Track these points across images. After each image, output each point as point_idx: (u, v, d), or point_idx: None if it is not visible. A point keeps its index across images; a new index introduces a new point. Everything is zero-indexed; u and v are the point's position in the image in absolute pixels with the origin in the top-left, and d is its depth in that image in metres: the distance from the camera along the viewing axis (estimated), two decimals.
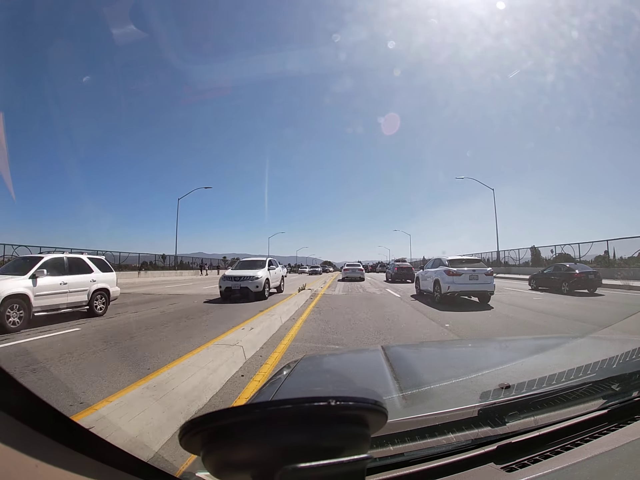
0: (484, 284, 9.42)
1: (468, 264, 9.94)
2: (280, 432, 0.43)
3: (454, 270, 9.52)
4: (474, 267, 9.73)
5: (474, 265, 9.86)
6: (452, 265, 9.78)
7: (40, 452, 0.45)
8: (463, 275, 9.40)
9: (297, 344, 4.99)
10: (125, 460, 0.58)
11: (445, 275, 9.60)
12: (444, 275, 9.62)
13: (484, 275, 9.49)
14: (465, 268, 9.55)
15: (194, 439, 0.44)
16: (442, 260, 10.43)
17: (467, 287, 9.44)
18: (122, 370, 3.85)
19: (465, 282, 9.37)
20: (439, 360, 1.61)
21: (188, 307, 9.46)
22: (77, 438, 0.52)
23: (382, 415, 0.46)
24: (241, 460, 0.44)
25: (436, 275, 10.09)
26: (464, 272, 9.42)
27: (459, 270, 9.48)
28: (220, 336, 4.91)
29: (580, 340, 2.02)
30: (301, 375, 1.31)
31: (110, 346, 5.06)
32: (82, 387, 3.35)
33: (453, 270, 9.54)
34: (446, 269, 9.69)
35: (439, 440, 0.77)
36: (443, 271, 9.74)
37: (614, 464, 0.71)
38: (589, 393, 0.95)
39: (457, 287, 9.42)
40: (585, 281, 12.92)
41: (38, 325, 6.28)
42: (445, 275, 9.58)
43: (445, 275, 9.58)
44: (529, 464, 0.73)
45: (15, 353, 4.72)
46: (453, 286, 9.42)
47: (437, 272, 10.13)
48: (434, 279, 10.19)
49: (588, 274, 13.07)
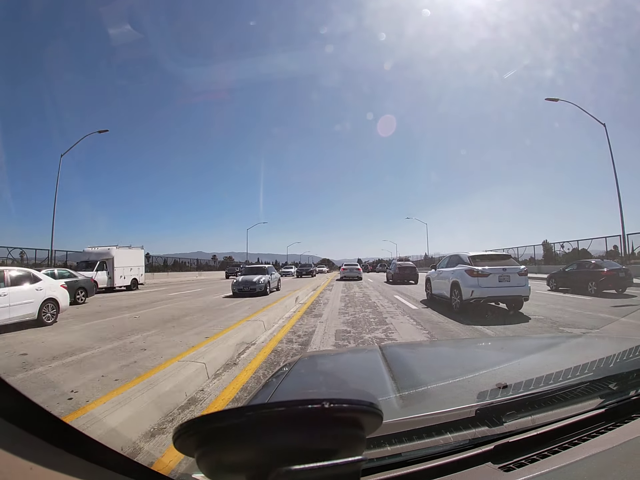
0: (517, 286, 7.27)
1: (495, 260, 7.76)
2: (275, 434, 0.43)
3: (478, 270, 7.28)
4: (503, 264, 7.55)
5: (502, 263, 7.64)
6: (475, 263, 7.56)
7: (35, 455, 0.44)
8: (491, 275, 7.20)
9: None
10: (119, 462, 0.58)
11: (467, 277, 7.42)
12: (466, 276, 7.44)
13: (516, 276, 7.31)
14: (493, 267, 7.36)
15: (189, 440, 0.44)
16: (462, 257, 8.20)
17: (496, 292, 7.26)
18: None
19: (494, 284, 7.19)
20: (436, 360, 1.61)
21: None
22: (71, 440, 0.51)
23: (378, 417, 0.46)
24: (235, 462, 0.44)
25: (454, 277, 7.93)
26: (492, 272, 7.22)
27: (486, 269, 7.26)
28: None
29: (578, 339, 2.03)
30: (298, 377, 1.30)
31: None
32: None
33: (477, 270, 7.29)
34: (468, 269, 7.48)
35: (437, 441, 0.77)
36: (464, 271, 7.55)
37: (612, 463, 0.71)
38: (586, 392, 0.95)
39: (483, 292, 7.19)
40: (616, 280, 11.27)
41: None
42: (468, 276, 7.39)
43: (468, 277, 7.39)
44: (526, 463, 0.73)
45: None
46: (478, 290, 7.19)
47: (455, 273, 7.97)
48: (451, 281, 8.04)
49: (618, 272, 11.44)
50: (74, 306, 9.84)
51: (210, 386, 3.46)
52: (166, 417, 2.68)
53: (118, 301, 12.35)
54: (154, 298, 12.98)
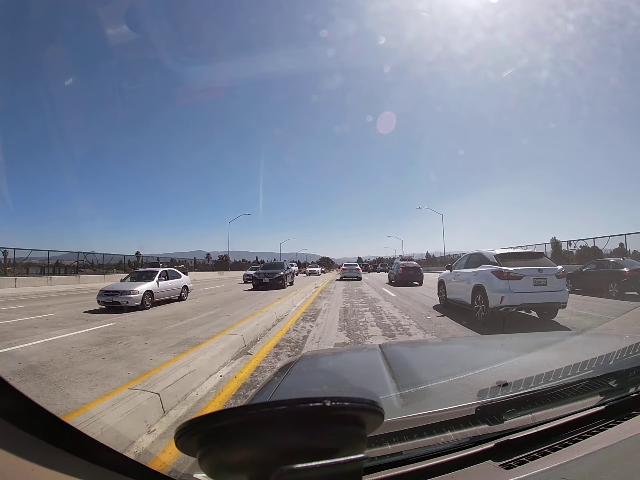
0: (555, 291, 6.08)
1: (526, 260, 6.50)
2: (277, 433, 0.43)
3: (509, 272, 6.05)
4: (538, 264, 6.30)
5: (535, 262, 6.38)
6: (504, 262, 6.34)
7: (37, 456, 0.44)
8: (524, 278, 6.00)
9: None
10: (120, 462, 0.58)
11: (495, 279, 6.18)
12: (493, 279, 6.21)
13: (553, 278, 6.12)
14: (526, 267, 6.16)
15: (190, 440, 0.44)
16: (486, 255, 6.91)
17: (530, 298, 6.03)
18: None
19: (528, 289, 5.99)
20: (436, 359, 1.61)
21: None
22: (72, 441, 0.51)
23: (379, 415, 0.46)
24: (237, 462, 0.44)
25: (477, 279, 6.67)
26: (526, 274, 6.03)
27: (519, 270, 6.07)
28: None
29: (577, 337, 2.04)
30: (299, 375, 1.30)
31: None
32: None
33: (509, 272, 6.06)
34: (496, 270, 6.26)
35: (437, 439, 0.77)
36: (491, 273, 6.31)
37: (612, 460, 0.71)
38: (586, 390, 0.96)
39: (515, 298, 5.96)
40: (639, 280, 10.29)
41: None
42: (496, 278, 6.17)
43: (496, 279, 6.16)
44: (527, 461, 0.73)
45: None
46: (509, 296, 5.94)
47: (478, 275, 6.71)
48: (473, 285, 6.77)
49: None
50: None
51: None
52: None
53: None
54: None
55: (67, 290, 18.24)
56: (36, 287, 17.96)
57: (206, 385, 3.45)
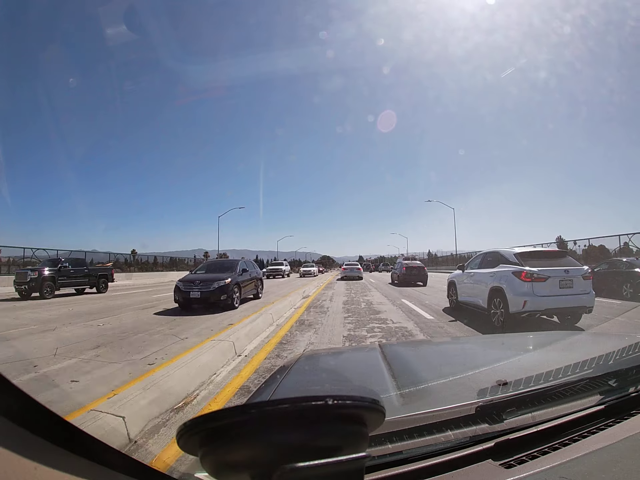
0: (581, 294, 5.51)
1: (549, 259, 5.89)
2: (278, 432, 0.43)
3: (533, 273, 5.41)
4: (562, 264, 5.70)
5: (560, 262, 5.77)
6: (525, 262, 5.69)
7: (39, 455, 0.44)
8: (550, 280, 5.38)
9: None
10: (122, 461, 0.58)
11: (516, 281, 5.53)
12: (514, 280, 5.56)
13: (580, 280, 5.55)
14: (551, 267, 5.54)
15: (192, 439, 0.44)
16: (504, 254, 6.30)
17: (556, 302, 5.37)
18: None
19: (554, 292, 5.38)
20: (436, 358, 1.61)
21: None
22: (74, 440, 0.51)
23: (380, 414, 0.46)
24: (239, 461, 0.44)
25: (495, 281, 6.03)
26: (552, 275, 5.41)
27: (543, 271, 5.43)
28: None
29: (577, 336, 2.04)
30: (299, 374, 1.30)
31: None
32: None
33: (532, 273, 5.41)
34: (517, 270, 5.62)
35: (437, 438, 0.77)
36: (511, 274, 5.67)
37: (612, 459, 0.71)
38: (586, 389, 0.96)
39: (539, 302, 5.32)
40: None
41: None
42: (517, 280, 5.52)
43: (517, 281, 5.51)
44: (527, 460, 0.73)
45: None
46: (533, 300, 5.30)
47: (496, 276, 6.07)
48: (490, 287, 6.13)
49: None
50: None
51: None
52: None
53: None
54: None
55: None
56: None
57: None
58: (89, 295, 14.28)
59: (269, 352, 4.67)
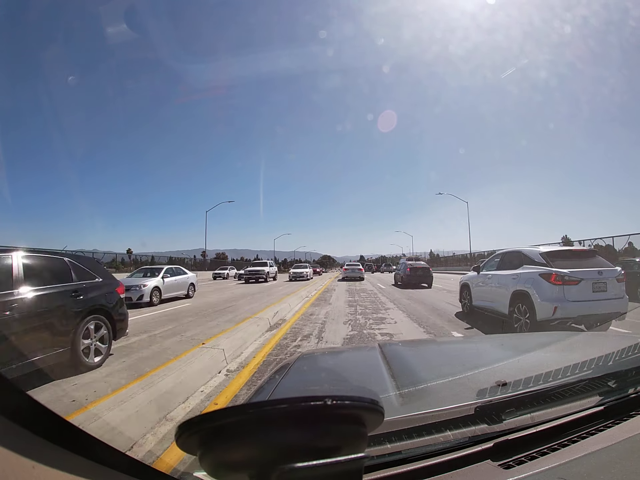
0: (614, 298, 4.92)
1: (579, 259, 5.26)
2: (277, 432, 0.43)
3: (564, 275, 4.81)
4: (593, 265, 5.07)
5: (590, 263, 5.13)
6: (554, 262, 5.05)
7: (37, 454, 0.44)
8: (582, 283, 4.79)
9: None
10: (121, 461, 0.58)
11: (544, 285, 4.89)
12: (542, 284, 4.92)
13: (614, 282, 4.98)
14: (583, 269, 4.94)
15: (191, 439, 0.44)
16: (527, 254, 5.63)
17: (589, 308, 4.76)
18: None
19: (587, 296, 4.79)
20: (435, 358, 1.61)
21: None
22: (73, 439, 0.51)
23: (379, 414, 0.46)
24: (238, 460, 0.44)
25: (519, 284, 5.38)
26: (585, 278, 4.82)
27: (575, 273, 4.83)
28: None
29: (577, 337, 2.04)
30: (298, 374, 1.30)
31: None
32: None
33: (563, 275, 4.81)
34: (545, 272, 4.97)
35: (437, 438, 0.77)
36: (538, 276, 5.03)
37: (611, 460, 0.71)
38: (586, 390, 0.96)
39: (572, 309, 4.72)
40: None
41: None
42: (546, 283, 4.88)
43: (546, 285, 4.87)
44: (526, 460, 0.73)
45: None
46: (565, 306, 4.69)
47: (520, 278, 5.42)
48: (512, 291, 5.48)
49: None
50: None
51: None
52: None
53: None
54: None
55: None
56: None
57: None
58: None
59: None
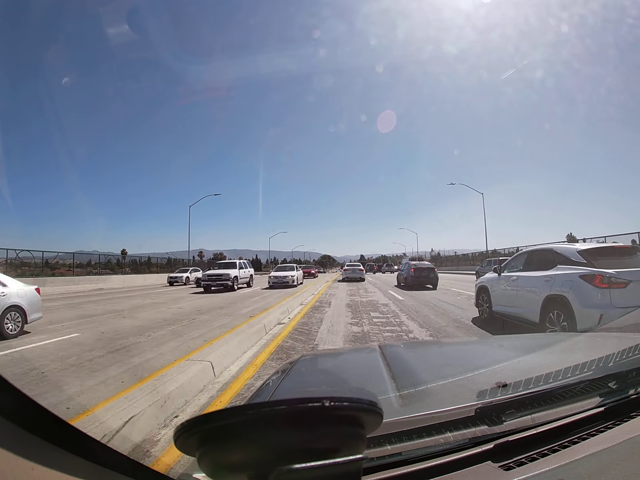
0: None
1: (620, 257, 4.60)
2: (275, 433, 0.43)
3: (611, 276, 4.11)
4: (637, 264, 4.34)
5: (633, 261, 4.43)
6: (597, 262, 4.35)
7: (37, 455, 0.44)
8: (632, 285, 4.05)
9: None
10: (121, 462, 0.58)
11: (587, 288, 4.21)
12: (583, 287, 4.24)
13: None
14: (630, 269, 4.19)
15: (189, 440, 0.44)
16: (563, 252, 4.88)
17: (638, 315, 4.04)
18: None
19: (636, 301, 3.95)
20: (436, 359, 1.61)
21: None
22: (73, 440, 0.51)
23: (378, 416, 0.46)
24: (236, 461, 0.44)
25: (553, 287, 4.64)
26: (633, 279, 4.07)
27: (623, 274, 4.11)
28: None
29: (577, 338, 2.03)
30: (298, 376, 1.30)
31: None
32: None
33: (610, 276, 4.11)
34: (587, 272, 4.28)
35: (437, 439, 0.77)
36: (578, 277, 4.32)
37: (612, 461, 0.71)
38: (586, 391, 0.96)
39: (620, 316, 3.85)
40: None
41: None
42: (588, 286, 4.20)
43: (588, 288, 4.20)
44: (526, 462, 0.73)
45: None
46: (611, 312, 3.90)
47: (555, 280, 4.66)
48: (544, 296, 4.72)
49: None
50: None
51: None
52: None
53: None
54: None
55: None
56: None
57: None
58: None
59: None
